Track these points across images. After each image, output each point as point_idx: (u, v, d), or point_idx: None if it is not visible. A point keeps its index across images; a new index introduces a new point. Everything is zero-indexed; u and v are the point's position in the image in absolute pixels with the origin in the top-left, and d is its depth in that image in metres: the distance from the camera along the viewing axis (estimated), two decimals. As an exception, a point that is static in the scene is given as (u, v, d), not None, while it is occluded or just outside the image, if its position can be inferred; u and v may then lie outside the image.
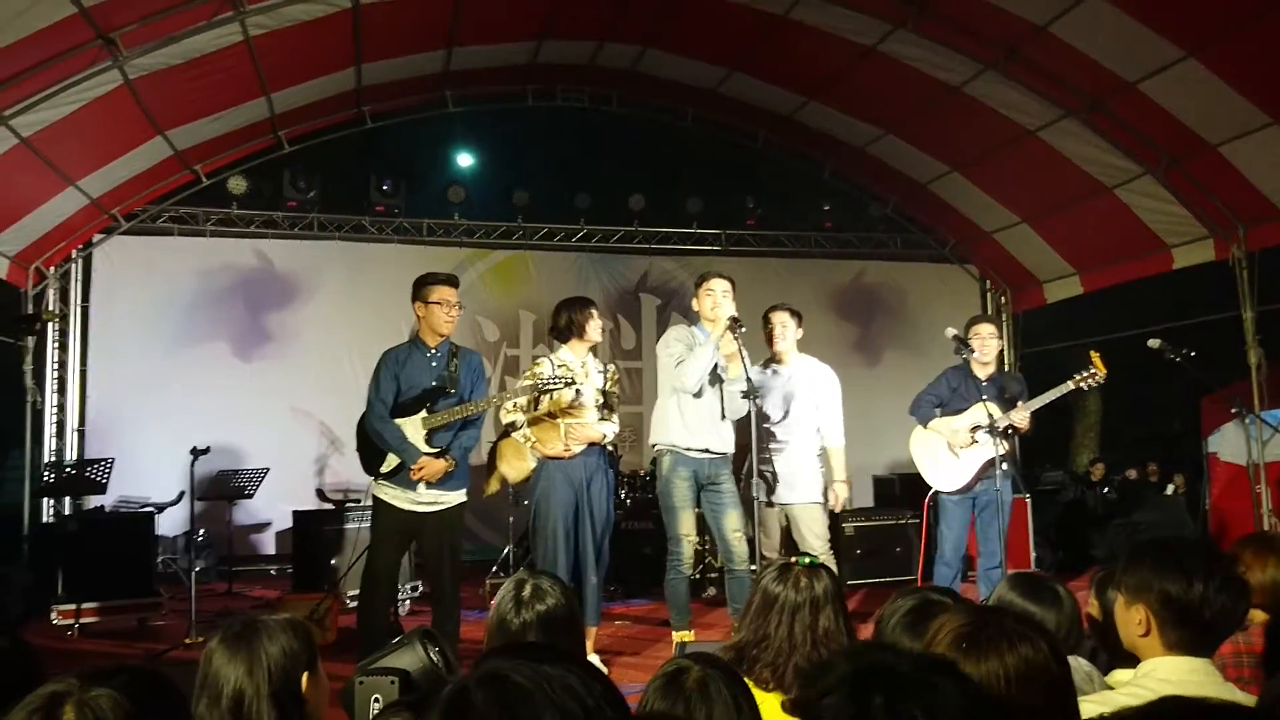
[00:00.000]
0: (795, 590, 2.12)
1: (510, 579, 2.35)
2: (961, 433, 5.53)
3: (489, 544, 9.07)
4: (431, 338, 4.84)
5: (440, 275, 4.92)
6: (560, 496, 5.00)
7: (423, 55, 8.50)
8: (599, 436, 5.09)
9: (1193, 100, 7.06)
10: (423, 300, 4.81)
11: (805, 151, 10.32)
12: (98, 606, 6.39)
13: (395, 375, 4.78)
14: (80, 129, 6.90)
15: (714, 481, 5.07)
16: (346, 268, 9.62)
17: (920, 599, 1.85)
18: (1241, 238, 7.95)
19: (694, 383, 4.99)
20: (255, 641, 1.91)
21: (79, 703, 1.30)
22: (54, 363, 8.86)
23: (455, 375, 4.81)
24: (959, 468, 5.55)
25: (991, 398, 5.47)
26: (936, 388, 5.75)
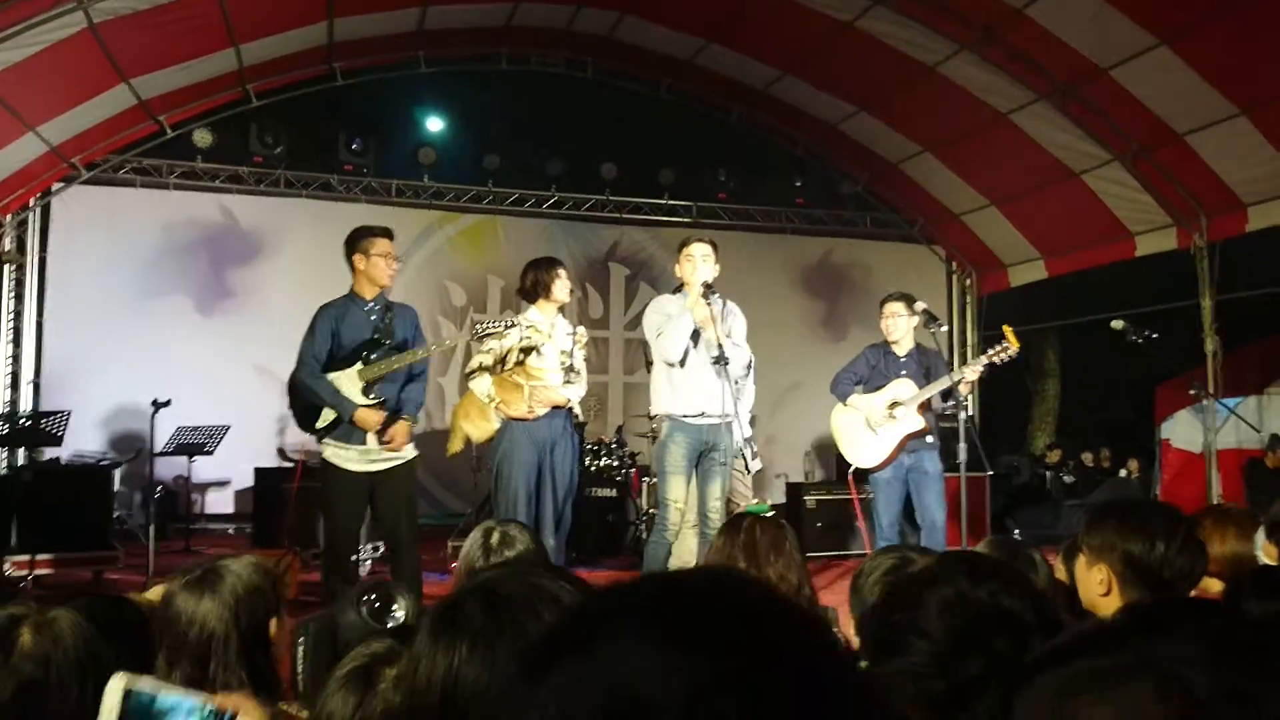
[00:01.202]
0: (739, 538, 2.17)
1: (478, 528, 2.34)
2: (879, 409, 5.57)
3: (451, 509, 9.05)
4: (369, 290, 4.77)
5: (377, 228, 4.82)
6: (522, 457, 4.98)
7: (397, 13, 8.37)
8: (563, 400, 5.06)
9: (1163, 89, 7.16)
10: (363, 253, 4.73)
11: (779, 126, 10.32)
12: (52, 558, 6.29)
13: (332, 331, 4.72)
14: (41, 72, 6.73)
15: (713, 448, 5.05)
16: (312, 226, 9.47)
17: (899, 557, 1.88)
18: (1203, 227, 8.09)
19: (675, 353, 4.98)
20: (220, 583, 1.80)
21: (36, 624, 1.28)
22: (9, 313, 8.68)
23: (391, 328, 4.76)
24: (876, 444, 5.57)
25: (911, 374, 5.53)
26: (856, 365, 5.78)
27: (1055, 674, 0.65)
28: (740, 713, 0.52)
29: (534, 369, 4.99)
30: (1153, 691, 0.60)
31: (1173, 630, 0.65)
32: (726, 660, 0.54)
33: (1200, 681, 0.60)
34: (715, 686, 0.52)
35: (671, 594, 0.60)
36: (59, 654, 1.25)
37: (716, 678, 0.53)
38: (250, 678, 1.79)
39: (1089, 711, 0.61)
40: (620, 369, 10.36)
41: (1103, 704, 0.61)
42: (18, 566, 6.23)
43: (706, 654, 0.54)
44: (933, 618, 1.27)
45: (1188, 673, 0.60)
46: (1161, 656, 0.62)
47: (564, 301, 5.17)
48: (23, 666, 1.24)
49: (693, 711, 0.51)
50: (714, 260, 5.01)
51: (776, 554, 2.13)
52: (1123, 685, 0.61)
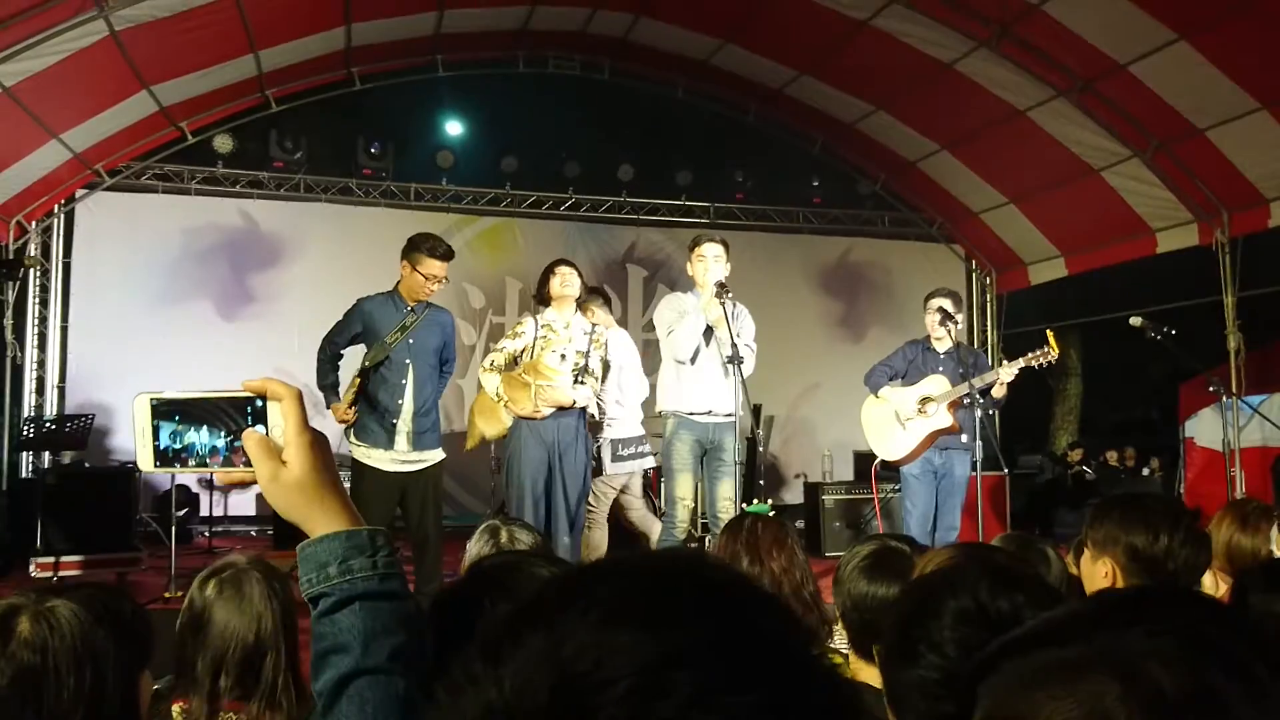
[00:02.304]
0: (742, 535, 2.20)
1: (483, 526, 2.36)
2: (910, 403, 5.56)
3: (470, 510, 9.09)
4: (409, 297, 4.88)
5: (440, 248, 4.88)
6: (530, 455, 5.03)
7: (414, 17, 8.43)
8: (568, 401, 5.08)
9: (1182, 84, 7.09)
10: (412, 265, 4.83)
11: (795, 126, 10.31)
12: (77, 560, 6.39)
13: (364, 327, 4.85)
14: (64, 81, 6.82)
15: (719, 447, 5.06)
16: (332, 230, 9.56)
17: (879, 545, 1.88)
18: (1225, 223, 8.01)
19: (686, 352, 5.01)
20: (249, 589, 1.89)
21: (35, 614, 1.30)
22: (34, 318, 8.79)
23: (415, 325, 4.85)
24: (904, 438, 5.57)
25: (947, 371, 5.51)
26: (893, 359, 5.79)
27: (1019, 664, 0.63)
28: (689, 689, 0.51)
29: (546, 369, 5.02)
30: (1117, 689, 0.58)
31: (1144, 621, 0.62)
32: (675, 636, 0.53)
33: (1168, 679, 0.57)
34: (663, 663, 0.52)
35: (627, 573, 0.60)
36: (57, 641, 1.27)
37: (664, 654, 0.52)
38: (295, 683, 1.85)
39: (1051, 706, 0.59)
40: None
41: (1065, 699, 0.59)
42: (42, 569, 6.33)
43: (656, 630, 0.53)
44: (947, 629, 1.20)
45: (1155, 669, 0.58)
46: (1129, 650, 0.60)
47: (567, 296, 5.18)
48: (21, 654, 1.26)
49: (640, 688, 0.51)
50: (725, 260, 5.03)
51: (779, 550, 2.14)
52: (1086, 680, 0.59)
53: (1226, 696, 0.57)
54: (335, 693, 0.95)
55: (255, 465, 1.00)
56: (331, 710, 0.95)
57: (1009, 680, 0.63)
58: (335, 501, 1.00)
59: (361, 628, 0.94)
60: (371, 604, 0.96)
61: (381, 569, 0.97)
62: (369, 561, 0.97)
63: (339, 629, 0.95)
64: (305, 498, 0.99)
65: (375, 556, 0.97)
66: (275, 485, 0.99)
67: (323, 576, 0.96)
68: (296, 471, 0.99)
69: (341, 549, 0.97)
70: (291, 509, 1.00)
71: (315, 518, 0.99)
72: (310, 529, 0.99)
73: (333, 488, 1.01)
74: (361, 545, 0.97)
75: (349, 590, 0.95)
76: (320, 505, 0.99)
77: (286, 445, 1.01)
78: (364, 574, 0.96)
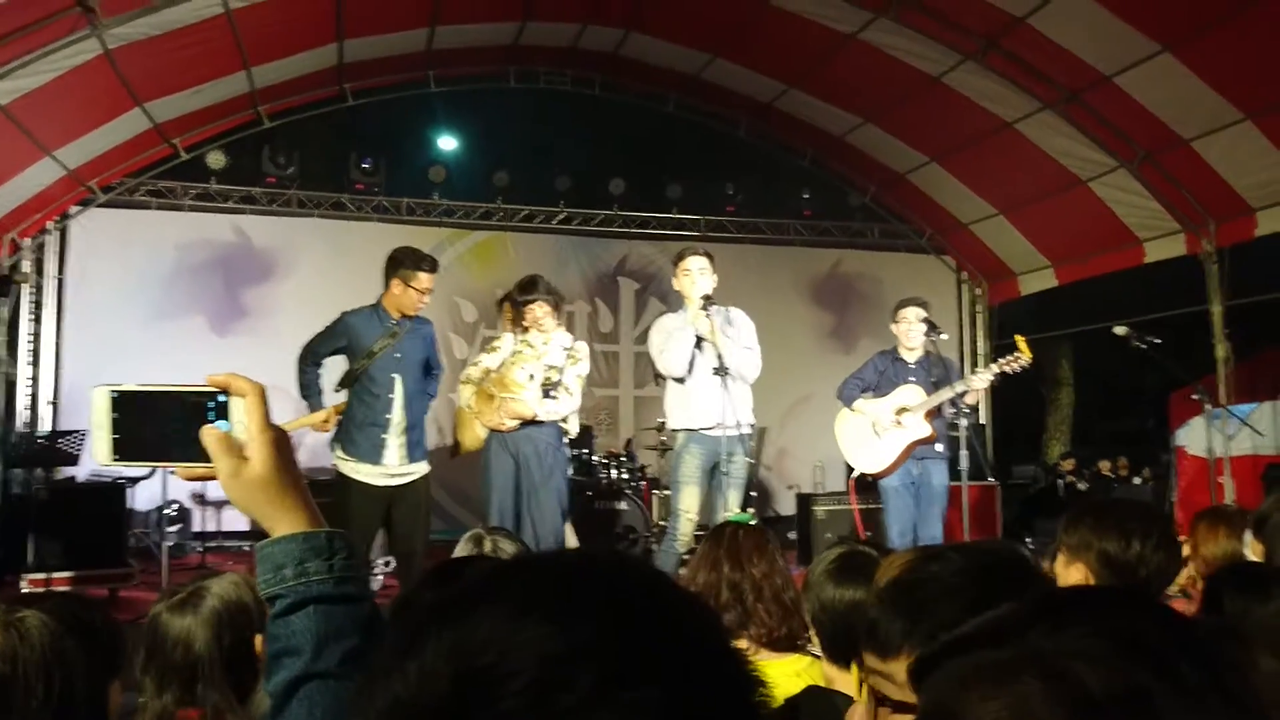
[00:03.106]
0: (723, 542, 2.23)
1: (468, 535, 2.39)
2: (886, 415, 5.56)
3: (460, 522, 9.09)
4: (395, 312, 4.87)
5: (426, 260, 4.89)
6: (498, 466, 5.07)
7: (406, 33, 8.48)
8: (529, 413, 5.09)
9: (1167, 95, 7.16)
10: (402, 280, 4.82)
11: (785, 139, 10.37)
12: (69, 576, 6.38)
13: (348, 343, 4.85)
14: (58, 98, 6.85)
15: (728, 460, 5.03)
16: (325, 245, 9.59)
17: (848, 549, 1.91)
18: (1212, 232, 8.07)
19: (678, 369, 5.03)
20: (202, 602, 1.84)
21: (4, 623, 1.31)
22: (28, 334, 8.81)
23: (399, 335, 4.84)
24: (881, 449, 5.57)
25: (919, 380, 5.53)
26: (863, 372, 5.78)
27: (958, 663, 0.63)
28: (590, 683, 0.52)
29: (512, 383, 5.06)
30: (1043, 689, 0.57)
31: (1080, 622, 0.62)
32: (581, 631, 0.54)
33: (1095, 679, 0.57)
34: (566, 656, 0.52)
35: (542, 570, 0.61)
36: (26, 651, 1.28)
37: (569, 648, 0.53)
38: (236, 694, 1.82)
39: (981, 707, 0.59)
40: (630, 382, 10.40)
41: (993, 700, 0.59)
42: (34, 584, 6.32)
43: (562, 624, 0.54)
44: None
45: (1083, 669, 0.58)
46: (1059, 650, 0.59)
47: (546, 330, 5.17)
48: None
49: (541, 680, 0.52)
50: (711, 272, 5.05)
51: (759, 555, 2.17)
52: (1014, 680, 0.59)
53: (1156, 697, 0.57)
54: (286, 695, 0.94)
55: (215, 461, 0.99)
56: (281, 712, 0.94)
57: (947, 678, 0.63)
58: (296, 500, 0.99)
59: (314, 630, 0.94)
60: (326, 607, 0.95)
61: (338, 572, 0.97)
62: (325, 565, 0.96)
63: (292, 631, 0.94)
64: (266, 495, 0.99)
65: (333, 559, 0.97)
66: (236, 481, 0.98)
67: (279, 578, 0.96)
68: (258, 468, 0.99)
69: (299, 550, 0.96)
70: (252, 506, 0.99)
71: (275, 516, 0.98)
72: (270, 528, 0.99)
73: (294, 487, 1.00)
74: (319, 547, 0.97)
75: (304, 593, 0.95)
76: (281, 504, 0.99)
77: (249, 442, 1.00)
78: (319, 577, 0.96)
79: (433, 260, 4.97)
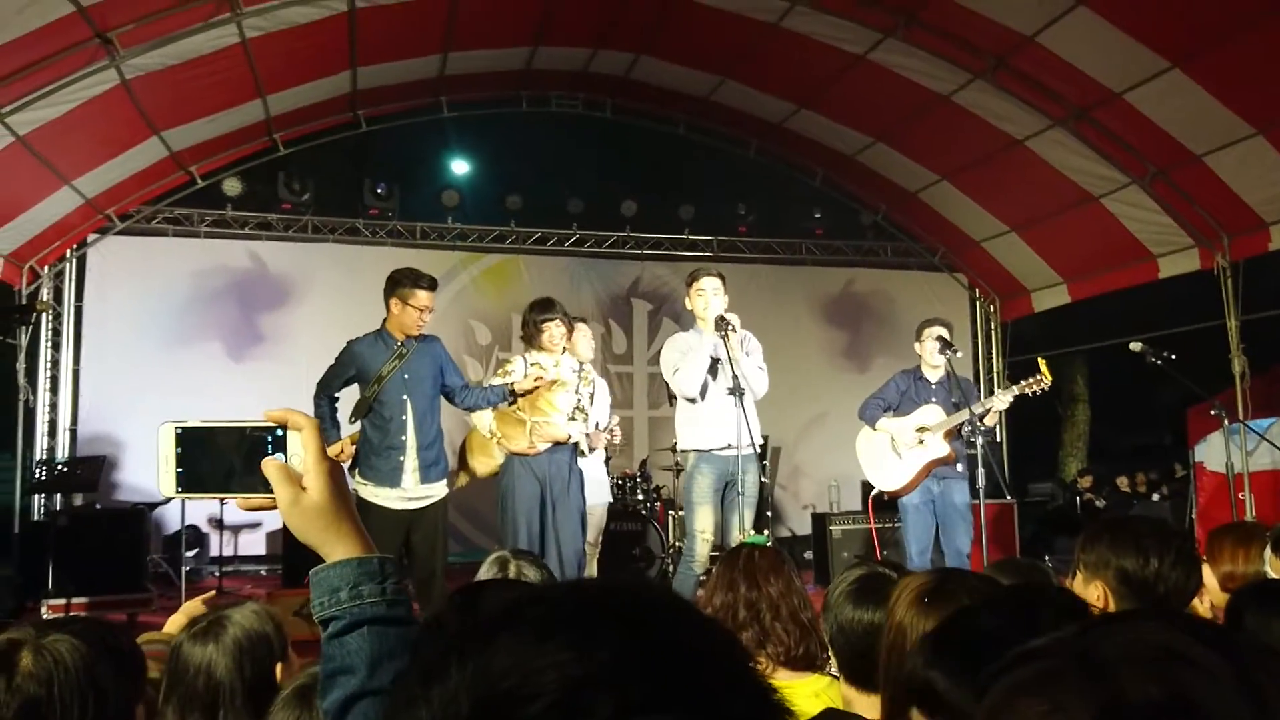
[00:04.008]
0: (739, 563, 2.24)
1: (493, 557, 2.40)
2: (907, 432, 5.58)
3: (477, 545, 9.10)
4: (399, 334, 4.90)
5: (423, 278, 4.90)
6: (524, 491, 5.07)
7: (418, 60, 8.57)
8: (564, 436, 5.12)
9: (1178, 111, 7.16)
10: (400, 300, 4.84)
11: (796, 159, 10.41)
12: (88, 601, 6.42)
13: (356, 370, 4.88)
14: (76, 128, 6.95)
15: (739, 479, 5.03)
16: (340, 270, 9.66)
17: (867, 570, 1.91)
18: (1226, 247, 8.05)
19: (692, 387, 5.04)
20: (223, 632, 1.86)
21: (36, 648, 1.33)
22: (47, 362, 8.88)
23: (407, 355, 4.85)
24: (900, 468, 5.58)
25: (940, 400, 5.54)
26: (885, 391, 5.80)
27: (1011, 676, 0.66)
28: (609, 708, 0.52)
29: (547, 404, 5.07)
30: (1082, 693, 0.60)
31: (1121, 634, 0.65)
32: (601, 656, 0.54)
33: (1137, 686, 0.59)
34: (586, 681, 0.53)
35: (565, 597, 0.61)
36: (61, 674, 1.31)
37: (588, 673, 0.53)
38: None
39: (1024, 711, 0.62)
40: (644, 403, 10.41)
41: (1038, 703, 0.62)
42: (54, 610, 6.36)
43: (582, 650, 0.55)
44: None
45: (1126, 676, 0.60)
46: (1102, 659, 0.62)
47: (558, 351, 5.21)
48: (27, 687, 1.29)
49: (561, 705, 0.52)
50: (724, 292, 5.08)
51: (776, 575, 2.17)
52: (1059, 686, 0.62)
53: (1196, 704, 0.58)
54: (340, 712, 0.99)
55: (276, 491, 1.04)
56: None
57: (1000, 689, 0.66)
58: (349, 528, 1.05)
59: (368, 651, 0.99)
60: (379, 628, 1.00)
61: (390, 595, 1.02)
62: (379, 588, 1.01)
63: (347, 651, 0.99)
64: (323, 523, 1.04)
65: (385, 583, 1.02)
66: (295, 510, 1.04)
67: (334, 600, 1.01)
68: (316, 497, 1.04)
69: (353, 575, 1.01)
70: (309, 533, 1.04)
71: (331, 543, 1.04)
72: (326, 553, 1.04)
73: (348, 515, 1.05)
74: (372, 572, 1.02)
75: (358, 614, 1.00)
76: (336, 531, 1.04)
77: (306, 473, 1.05)
78: (373, 599, 1.01)
79: (431, 278, 4.95)
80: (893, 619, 1.49)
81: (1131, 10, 6.52)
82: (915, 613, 1.46)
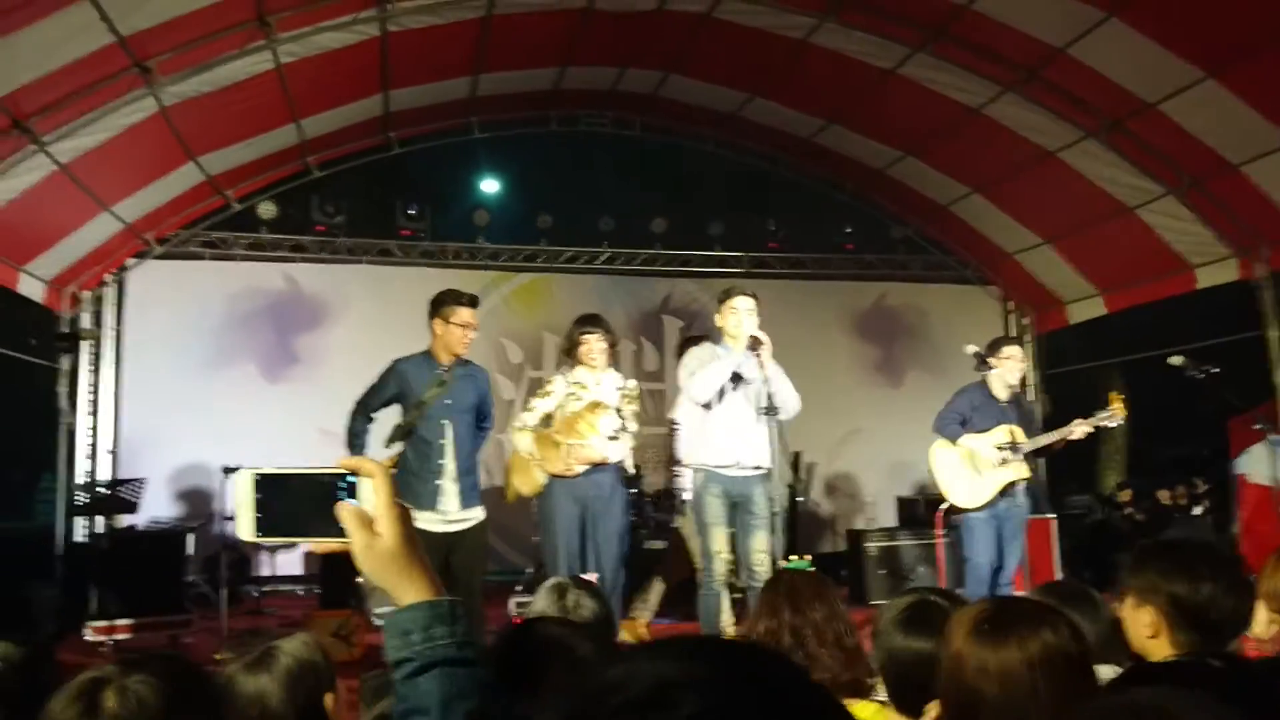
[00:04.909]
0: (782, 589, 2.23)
1: (552, 584, 2.39)
2: (989, 451, 5.56)
3: (512, 564, 9.11)
4: (445, 355, 4.90)
5: (464, 296, 4.94)
6: (564, 513, 5.07)
7: (449, 82, 8.65)
8: (600, 457, 5.11)
9: (1213, 121, 7.08)
10: (443, 319, 4.86)
11: (826, 174, 10.39)
12: (130, 623, 6.48)
13: (399, 391, 4.86)
14: (115, 155, 7.07)
15: (748, 500, 5.04)
16: (373, 291, 9.75)
17: (918, 598, 1.89)
18: (1265, 257, 7.93)
19: (705, 395, 5.01)
20: (275, 663, 1.89)
21: (119, 688, 1.34)
22: (88, 385, 9.02)
23: (449, 383, 4.84)
24: (981, 485, 5.57)
25: (1016, 420, 5.53)
26: (957, 405, 5.78)
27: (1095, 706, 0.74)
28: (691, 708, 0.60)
29: (586, 427, 5.07)
30: None
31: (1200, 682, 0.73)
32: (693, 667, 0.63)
33: None
34: (676, 684, 0.61)
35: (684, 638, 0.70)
36: (144, 717, 1.32)
37: (680, 678, 0.62)
38: None
39: None
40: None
41: None
42: (97, 632, 6.43)
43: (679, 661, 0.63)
44: None
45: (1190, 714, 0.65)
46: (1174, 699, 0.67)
47: (595, 367, 5.22)
48: None
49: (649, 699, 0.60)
50: (756, 313, 5.08)
51: (820, 601, 2.16)
52: None
53: None
54: None
55: (351, 535, 1.08)
56: None
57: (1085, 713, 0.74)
58: (420, 571, 1.08)
59: (440, 692, 1.01)
60: (450, 670, 1.03)
61: (460, 637, 1.05)
62: (449, 630, 1.04)
63: (419, 692, 1.02)
64: (396, 566, 1.07)
65: (455, 625, 1.05)
66: (369, 554, 1.07)
67: (407, 643, 1.04)
68: (389, 541, 1.07)
69: (425, 618, 1.04)
70: (383, 576, 1.07)
71: (403, 586, 1.06)
72: (398, 596, 1.07)
73: (419, 559, 1.09)
74: (443, 615, 1.05)
75: (430, 656, 1.03)
76: (408, 574, 1.07)
77: (378, 518, 1.08)
78: (444, 642, 1.04)
79: (472, 296, 4.97)
80: (950, 648, 1.48)
81: (1163, 21, 6.46)
82: (974, 642, 1.45)
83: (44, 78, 5.96)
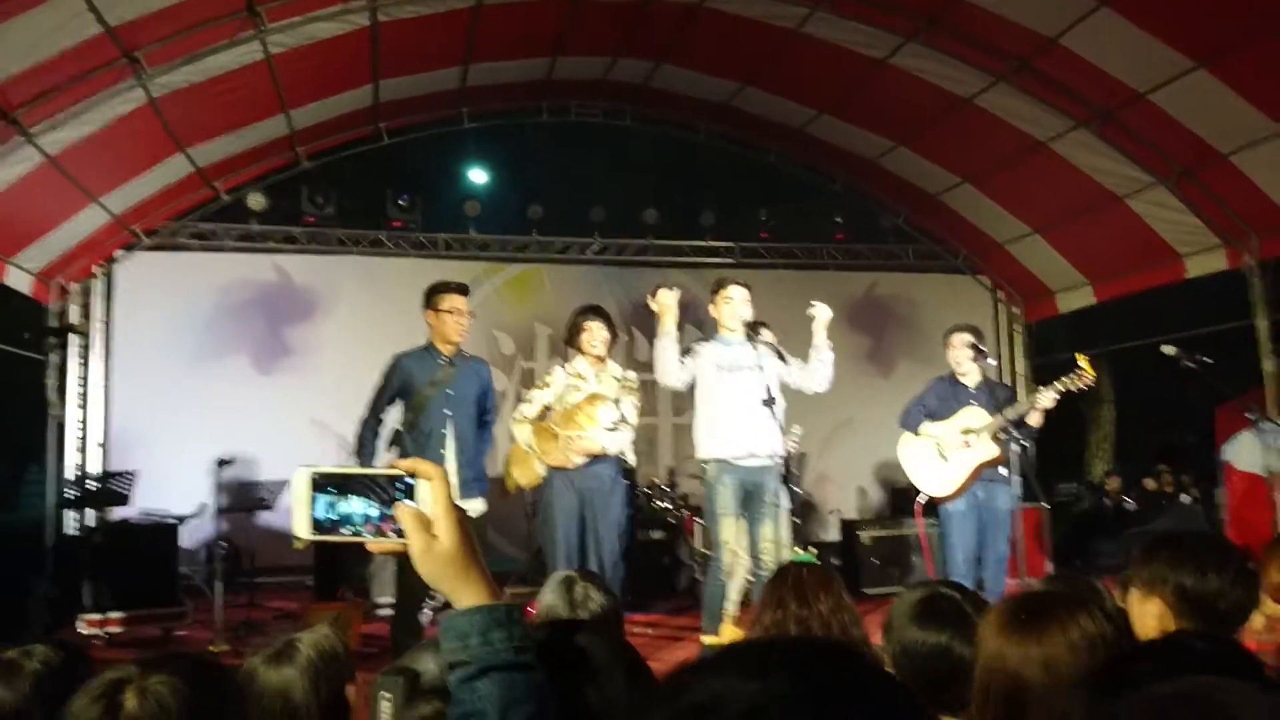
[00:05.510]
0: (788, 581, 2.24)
1: (557, 579, 2.39)
2: (952, 436, 5.54)
3: (506, 555, 9.11)
4: (445, 346, 4.90)
5: (452, 284, 4.97)
6: (564, 504, 5.07)
7: (439, 72, 8.61)
8: (598, 448, 5.12)
9: (1204, 110, 7.11)
10: (433, 309, 4.87)
11: (817, 164, 10.40)
12: (123, 616, 6.46)
13: (402, 384, 4.86)
14: (104, 146, 7.02)
15: (760, 489, 5.06)
16: (364, 282, 9.72)
17: (929, 591, 1.90)
18: (1254, 247, 7.98)
19: (666, 375, 5.10)
20: (297, 654, 1.91)
21: (140, 689, 1.34)
22: (77, 377, 8.96)
23: (448, 378, 4.84)
24: (949, 472, 5.54)
25: (982, 403, 5.51)
26: (925, 398, 5.77)
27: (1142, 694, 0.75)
28: None
29: (585, 419, 5.07)
30: None
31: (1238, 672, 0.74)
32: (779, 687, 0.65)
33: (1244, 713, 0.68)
34: (767, 704, 0.63)
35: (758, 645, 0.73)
36: (164, 717, 1.32)
37: (769, 700, 0.64)
38: None
39: None
40: (669, 410, 10.40)
41: None
42: (91, 625, 6.40)
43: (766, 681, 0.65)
44: None
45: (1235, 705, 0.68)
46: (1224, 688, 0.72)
47: (595, 355, 5.23)
48: None
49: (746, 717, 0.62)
50: (750, 302, 5.10)
51: (826, 593, 2.17)
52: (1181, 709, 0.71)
53: None
54: None
55: (409, 537, 1.07)
56: None
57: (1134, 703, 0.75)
58: (478, 575, 1.08)
59: (497, 696, 1.02)
60: (507, 674, 1.03)
61: (517, 641, 1.05)
62: (506, 635, 1.04)
63: (477, 696, 1.02)
64: (454, 569, 1.07)
65: (512, 630, 1.05)
66: (428, 557, 1.07)
67: (464, 646, 1.04)
68: (447, 544, 1.07)
69: (482, 622, 1.04)
70: (441, 579, 1.07)
71: (461, 589, 1.07)
72: (455, 599, 1.07)
73: (477, 562, 1.09)
74: (500, 619, 1.05)
75: (488, 660, 1.03)
76: (466, 578, 1.07)
77: (436, 521, 1.09)
78: (502, 646, 1.04)
79: (461, 284, 5.01)
80: (987, 646, 1.49)
81: (1155, 11, 6.49)
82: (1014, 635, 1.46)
83: (32, 69, 5.90)
